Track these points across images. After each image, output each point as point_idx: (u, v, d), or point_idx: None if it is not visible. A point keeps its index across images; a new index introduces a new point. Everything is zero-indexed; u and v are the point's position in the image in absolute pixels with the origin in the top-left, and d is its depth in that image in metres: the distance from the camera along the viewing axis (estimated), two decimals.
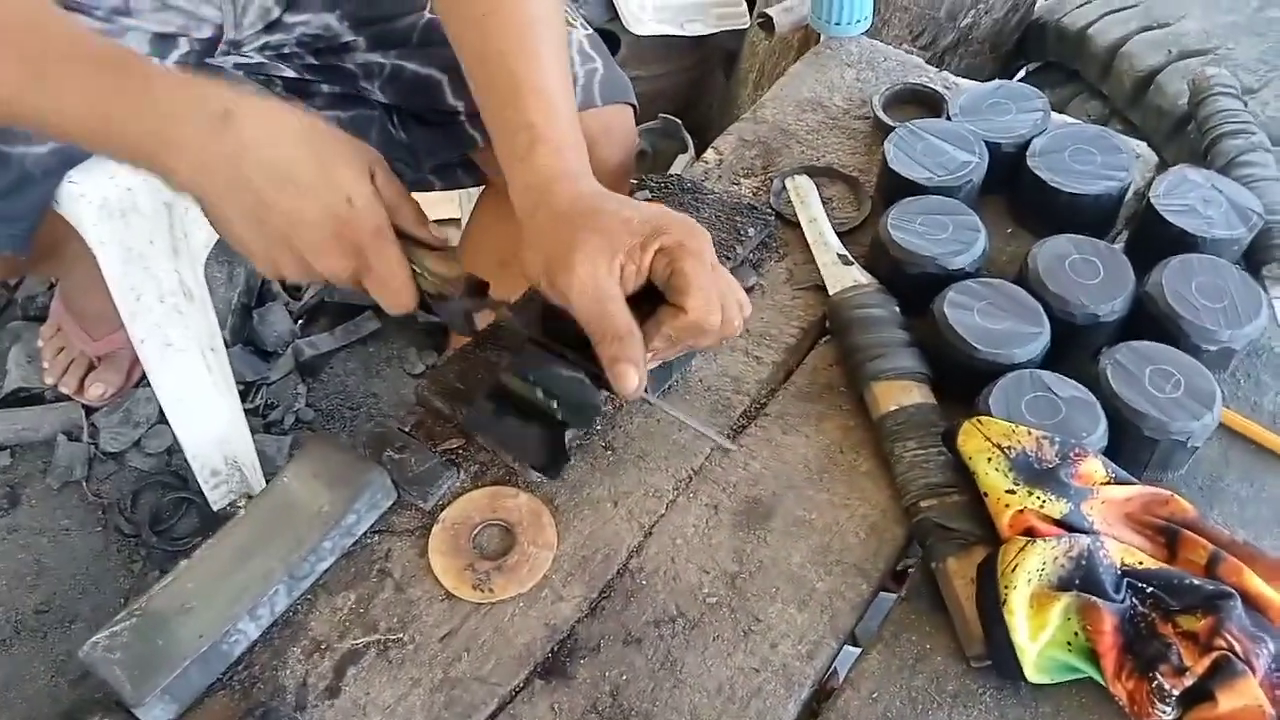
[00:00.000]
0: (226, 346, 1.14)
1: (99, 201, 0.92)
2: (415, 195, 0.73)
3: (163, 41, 0.93)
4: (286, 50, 0.99)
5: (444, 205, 1.62)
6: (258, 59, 1.00)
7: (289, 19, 0.96)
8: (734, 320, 0.71)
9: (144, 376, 1.49)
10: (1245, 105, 1.04)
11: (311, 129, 0.67)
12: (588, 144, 0.76)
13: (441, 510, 0.75)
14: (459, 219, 1.58)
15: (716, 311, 0.70)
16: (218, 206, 0.66)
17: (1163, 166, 0.99)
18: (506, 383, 0.77)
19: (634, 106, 1.04)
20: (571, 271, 0.67)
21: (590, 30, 1.04)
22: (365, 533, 0.74)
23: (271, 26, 0.97)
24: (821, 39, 1.16)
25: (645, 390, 0.82)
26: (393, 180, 0.70)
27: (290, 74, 1.01)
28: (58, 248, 1.13)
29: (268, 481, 0.77)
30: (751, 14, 1.67)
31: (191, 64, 0.98)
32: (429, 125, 1.03)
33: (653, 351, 0.71)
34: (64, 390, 1.46)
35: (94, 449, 1.43)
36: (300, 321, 1.60)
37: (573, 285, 0.67)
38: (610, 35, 1.68)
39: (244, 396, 1.44)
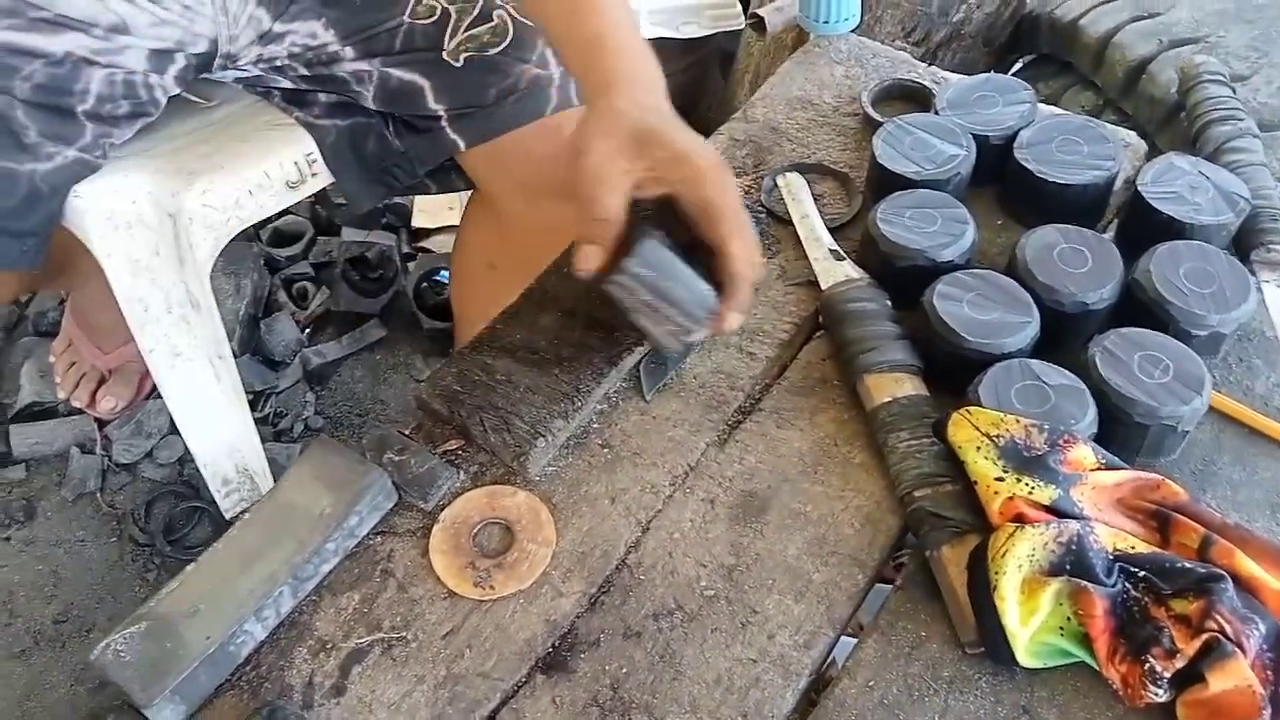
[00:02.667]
0: (235, 357, 1.16)
1: (104, 214, 0.94)
2: (417, 199, 0.76)
3: (160, 57, 0.95)
4: (280, 63, 1.01)
5: (445, 213, 1.64)
6: (255, 71, 1.02)
7: (279, 28, 0.98)
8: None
9: (154, 389, 1.51)
10: (1234, 92, 1.04)
11: None
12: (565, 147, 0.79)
13: (442, 510, 0.77)
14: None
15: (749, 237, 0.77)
16: None
17: (1155, 155, 0.99)
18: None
19: None
20: (586, 154, 0.74)
21: None
22: (367, 534, 0.76)
23: (264, 38, 0.99)
24: (811, 38, 1.17)
25: (643, 390, 0.83)
26: None
27: (287, 85, 1.03)
28: (69, 263, 1.15)
29: None
30: (746, 15, 1.68)
31: (190, 79, 1.00)
32: (417, 132, 1.05)
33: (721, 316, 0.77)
34: (76, 404, 1.49)
35: (107, 461, 1.46)
36: (307, 331, 1.62)
37: (582, 165, 0.74)
38: None
39: (253, 405, 1.46)
